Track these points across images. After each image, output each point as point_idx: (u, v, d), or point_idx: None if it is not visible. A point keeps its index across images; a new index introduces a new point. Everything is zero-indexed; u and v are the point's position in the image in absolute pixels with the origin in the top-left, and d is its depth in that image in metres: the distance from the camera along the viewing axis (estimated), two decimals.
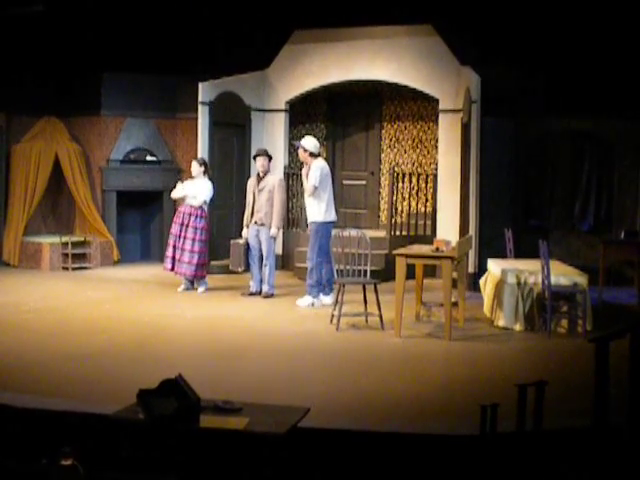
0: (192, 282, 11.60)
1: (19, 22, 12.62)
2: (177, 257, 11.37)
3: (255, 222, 11.20)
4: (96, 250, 14.07)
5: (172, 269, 11.47)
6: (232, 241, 11.45)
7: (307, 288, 10.68)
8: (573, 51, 12.21)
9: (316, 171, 10.60)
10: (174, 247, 11.40)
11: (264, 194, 11.14)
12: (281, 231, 12.09)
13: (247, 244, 11.24)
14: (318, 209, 10.62)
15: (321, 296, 10.68)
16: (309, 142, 10.78)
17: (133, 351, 8.10)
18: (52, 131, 14.35)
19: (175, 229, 11.45)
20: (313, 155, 10.70)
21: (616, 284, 11.87)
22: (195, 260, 11.39)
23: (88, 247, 14.00)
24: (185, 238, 11.37)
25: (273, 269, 11.30)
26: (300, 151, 10.79)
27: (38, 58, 13.67)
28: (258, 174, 11.36)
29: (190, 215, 11.41)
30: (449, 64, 12.94)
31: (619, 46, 12.03)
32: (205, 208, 11.58)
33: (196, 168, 11.64)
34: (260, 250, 11.21)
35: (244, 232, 11.35)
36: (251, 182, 11.46)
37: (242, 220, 11.59)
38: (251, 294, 11.24)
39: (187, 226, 11.39)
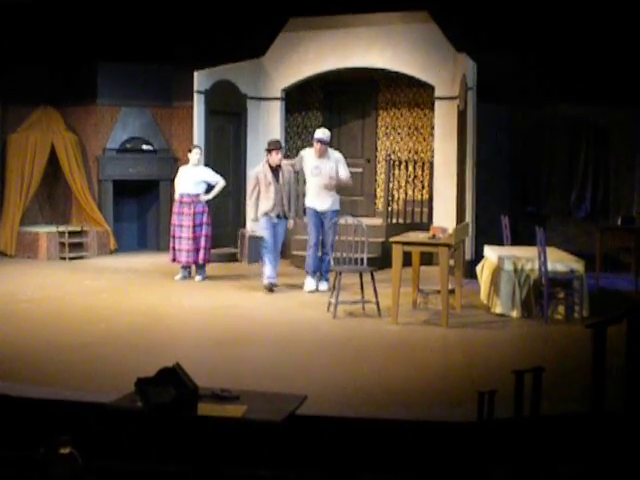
0: (189, 270, 11.59)
1: (14, 11, 12.58)
2: (193, 247, 11.34)
3: (277, 215, 10.67)
4: (93, 239, 14.08)
5: (194, 261, 11.44)
6: (248, 233, 10.96)
7: (327, 275, 10.72)
8: (569, 38, 12.19)
9: (345, 162, 10.84)
10: (190, 239, 11.33)
11: (285, 186, 10.70)
12: None
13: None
14: (336, 198, 10.77)
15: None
16: (328, 134, 10.79)
17: (131, 340, 8.10)
18: (48, 121, 14.33)
19: (182, 220, 11.38)
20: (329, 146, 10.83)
21: (613, 270, 11.88)
22: (210, 244, 11.52)
23: (85, 236, 14.00)
24: (198, 225, 11.37)
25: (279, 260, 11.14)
26: (321, 145, 10.61)
27: (33, 47, 13.63)
28: (270, 165, 10.71)
29: (190, 203, 11.38)
30: (445, 51, 12.92)
31: (615, 33, 12.02)
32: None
33: (197, 156, 11.59)
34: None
35: (252, 224, 10.79)
36: (262, 172, 10.73)
37: (248, 210, 10.95)
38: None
39: (195, 213, 11.38)
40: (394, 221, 13.26)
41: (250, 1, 13.06)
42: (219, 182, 11.63)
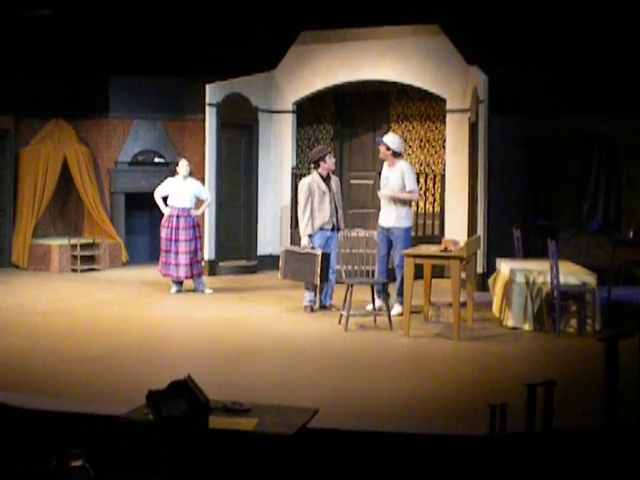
0: (181, 283, 11.60)
1: (27, 25, 12.65)
2: (190, 262, 11.31)
3: (332, 228, 10.13)
4: (105, 252, 14.11)
5: (191, 275, 11.41)
6: (318, 251, 9.89)
7: (397, 298, 9.90)
8: (581, 50, 12.19)
9: (413, 174, 10.13)
10: (187, 253, 11.31)
11: (337, 195, 10.23)
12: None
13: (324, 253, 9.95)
14: (404, 213, 10.03)
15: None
16: (392, 139, 10.13)
17: (142, 352, 8.11)
18: (60, 134, 14.39)
19: (179, 234, 11.31)
20: (396, 155, 10.06)
21: (625, 283, 11.85)
22: (202, 257, 11.61)
23: (97, 249, 14.04)
24: (193, 239, 11.34)
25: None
26: (382, 148, 10.08)
27: (46, 61, 13.71)
28: (320, 174, 10.17)
29: (186, 217, 11.33)
30: (456, 64, 12.94)
31: (626, 45, 12.01)
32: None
33: (187, 168, 11.53)
34: None
35: (307, 241, 10.07)
36: (315, 182, 10.13)
37: (304, 226, 10.12)
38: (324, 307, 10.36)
39: (190, 227, 11.34)
40: None
41: (262, 14, 13.10)
42: (208, 198, 11.72)
